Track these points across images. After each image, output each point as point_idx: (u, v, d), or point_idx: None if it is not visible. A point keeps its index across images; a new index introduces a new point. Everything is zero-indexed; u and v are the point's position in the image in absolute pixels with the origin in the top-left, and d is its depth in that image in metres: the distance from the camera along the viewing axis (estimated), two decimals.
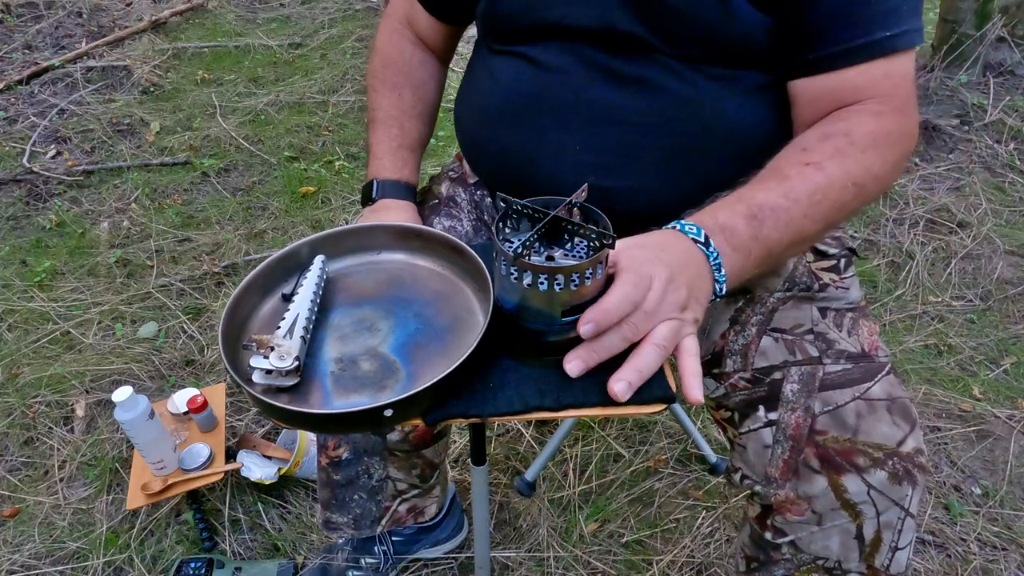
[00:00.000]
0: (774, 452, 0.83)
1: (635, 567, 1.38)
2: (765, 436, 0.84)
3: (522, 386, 0.69)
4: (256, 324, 0.76)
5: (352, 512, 1.21)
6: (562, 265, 0.63)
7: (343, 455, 1.16)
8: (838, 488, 0.79)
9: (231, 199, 2.43)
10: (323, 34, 3.53)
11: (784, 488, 0.82)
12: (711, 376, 0.92)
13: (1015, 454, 1.56)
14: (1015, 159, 2.48)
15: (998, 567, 1.36)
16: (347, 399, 0.68)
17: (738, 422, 0.88)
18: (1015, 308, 1.93)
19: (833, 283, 0.92)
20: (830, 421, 0.80)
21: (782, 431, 0.82)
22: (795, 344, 0.86)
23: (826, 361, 0.83)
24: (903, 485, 0.79)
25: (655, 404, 0.68)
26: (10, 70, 3.21)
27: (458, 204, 1.06)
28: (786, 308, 0.89)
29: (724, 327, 0.92)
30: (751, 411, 0.86)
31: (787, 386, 0.83)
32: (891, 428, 0.79)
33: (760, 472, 0.85)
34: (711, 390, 0.92)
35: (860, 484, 0.78)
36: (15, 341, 1.88)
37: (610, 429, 1.64)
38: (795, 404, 0.82)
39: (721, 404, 0.91)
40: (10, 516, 1.49)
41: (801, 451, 0.81)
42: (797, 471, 0.81)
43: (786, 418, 0.82)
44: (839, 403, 0.80)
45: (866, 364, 0.83)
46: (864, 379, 0.82)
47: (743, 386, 0.87)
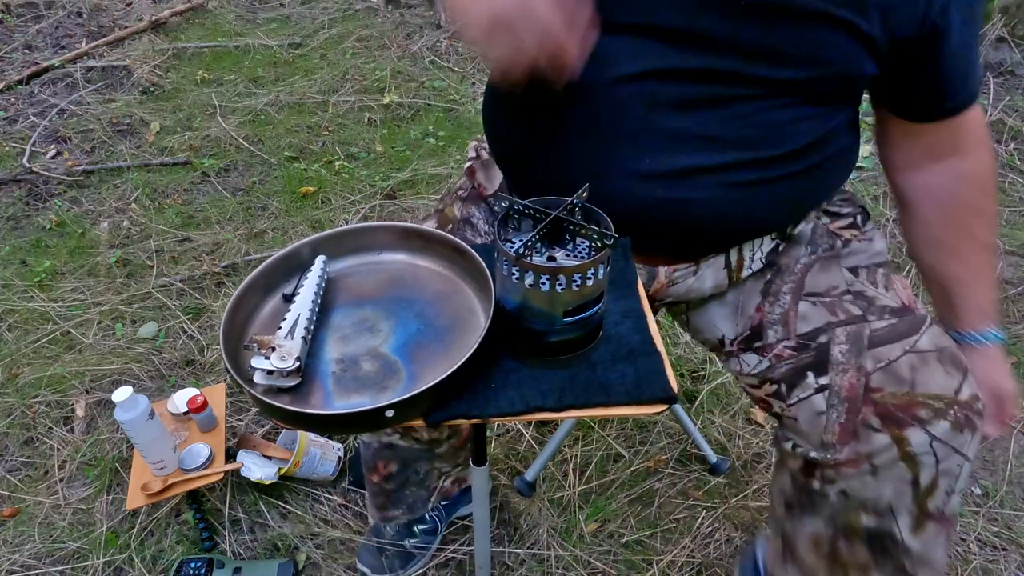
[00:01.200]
0: (828, 417, 0.83)
1: (635, 567, 1.38)
2: (817, 402, 0.84)
3: (523, 386, 0.69)
4: (257, 324, 0.77)
5: (406, 502, 1.30)
6: (564, 265, 0.63)
7: (393, 469, 1.21)
8: (902, 442, 0.80)
9: (231, 199, 2.43)
10: (323, 34, 3.53)
11: (843, 452, 0.82)
12: (752, 351, 0.91)
13: (1015, 454, 1.56)
14: (1015, 159, 2.48)
15: (998, 567, 1.36)
16: (348, 400, 0.68)
17: (786, 393, 0.87)
18: (1015, 308, 1.93)
19: (855, 238, 0.93)
20: (885, 377, 0.80)
21: (835, 394, 0.82)
22: (835, 305, 0.86)
23: (871, 318, 0.84)
24: (964, 432, 0.80)
25: (656, 404, 0.68)
26: (10, 70, 3.21)
27: (475, 225, 1.04)
28: (815, 272, 0.90)
29: (757, 300, 0.92)
30: (799, 379, 0.86)
31: (835, 348, 0.83)
32: (946, 378, 0.80)
33: (815, 440, 0.84)
34: (753, 365, 0.92)
35: (923, 436, 0.79)
36: (15, 341, 1.87)
37: (610, 429, 1.64)
38: (846, 365, 0.82)
39: (765, 378, 0.90)
40: (10, 516, 1.49)
41: (859, 411, 0.81)
42: (856, 432, 0.81)
43: (838, 380, 0.82)
44: (891, 358, 0.81)
45: (909, 317, 0.84)
46: (911, 331, 0.82)
47: (788, 355, 0.87)
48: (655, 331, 0.75)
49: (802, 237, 0.95)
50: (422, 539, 1.37)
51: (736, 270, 0.94)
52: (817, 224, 0.95)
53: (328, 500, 1.50)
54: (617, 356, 0.72)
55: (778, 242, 0.95)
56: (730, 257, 0.93)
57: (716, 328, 0.97)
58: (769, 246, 0.94)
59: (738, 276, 0.94)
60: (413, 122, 2.85)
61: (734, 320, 0.95)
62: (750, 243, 0.93)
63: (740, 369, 0.94)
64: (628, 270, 0.84)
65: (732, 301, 0.95)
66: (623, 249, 0.87)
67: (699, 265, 0.93)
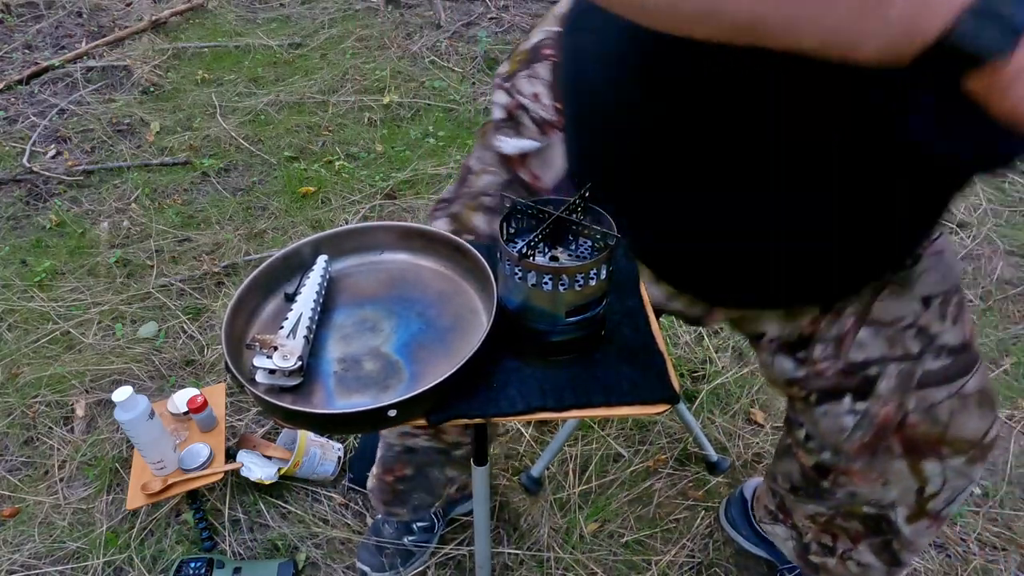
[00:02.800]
0: (853, 434, 0.84)
1: (635, 567, 1.38)
2: (846, 420, 0.84)
3: (525, 386, 0.69)
4: (259, 324, 0.76)
5: (411, 503, 1.30)
6: (566, 265, 0.63)
7: (407, 472, 1.22)
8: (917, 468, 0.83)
9: (231, 199, 2.43)
10: (323, 34, 3.52)
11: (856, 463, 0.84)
12: (792, 357, 0.88)
13: (1015, 454, 1.56)
14: None
15: (998, 567, 1.36)
16: (350, 399, 0.68)
17: (815, 402, 0.87)
18: (1015, 308, 1.93)
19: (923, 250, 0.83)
20: (923, 417, 0.81)
21: (868, 420, 0.83)
22: (896, 340, 0.82)
23: (926, 358, 0.82)
24: (976, 465, 0.83)
25: (658, 404, 0.68)
26: (10, 70, 3.21)
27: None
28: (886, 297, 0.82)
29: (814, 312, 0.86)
30: (836, 398, 0.85)
31: (883, 382, 0.83)
32: (979, 422, 0.82)
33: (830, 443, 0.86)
34: (788, 370, 0.89)
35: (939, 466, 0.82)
36: (15, 341, 1.87)
37: (610, 429, 1.64)
38: (888, 399, 0.82)
39: (796, 383, 0.89)
40: (10, 516, 1.49)
41: (886, 439, 0.82)
42: (875, 451, 0.83)
43: (875, 409, 0.82)
44: (935, 401, 0.81)
45: (965, 357, 0.83)
46: (962, 373, 0.82)
47: (831, 374, 0.85)
48: (657, 331, 0.75)
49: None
50: (420, 536, 1.37)
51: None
52: None
53: (328, 500, 1.50)
54: (619, 356, 0.72)
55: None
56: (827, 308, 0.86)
57: (762, 323, 0.92)
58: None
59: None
60: (413, 122, 2.85)
61: (783, 324, 0.90)
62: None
63: (771, 365, 0.91)
64: (630, 270, 0.84)
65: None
66: (625, 249, 0.87)
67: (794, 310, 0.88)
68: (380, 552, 1.35)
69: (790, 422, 0.94)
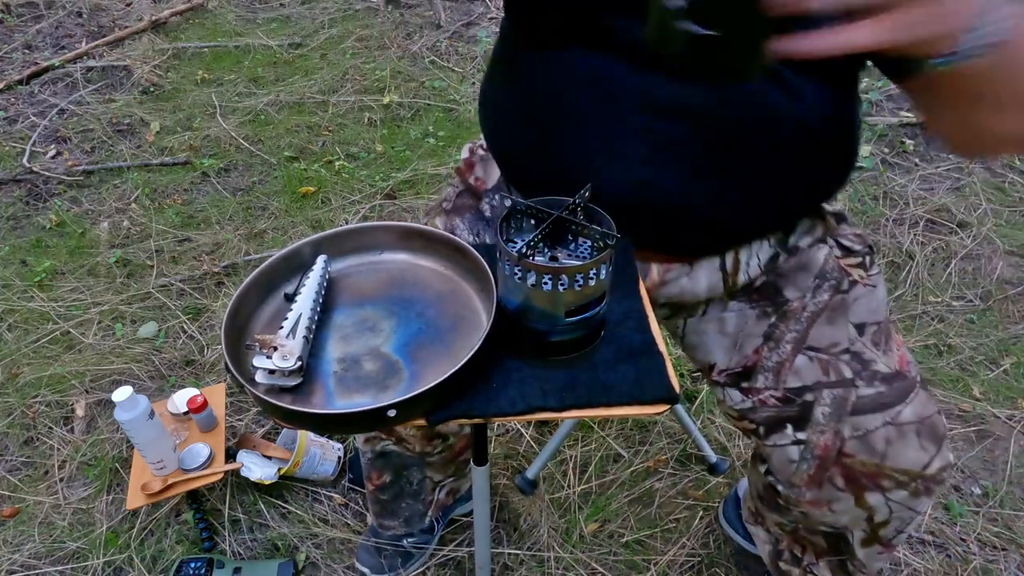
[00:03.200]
0: (799, 467, 0.86)
1: (635, 567, 1.38)
2: (791, 452, 0.86)
3: (525, 386, 0.69)
4: (258, 324, 0.76)
5: (402, 515, 1.30)
6: (566, 265, 0.63)
7: (386, 480, 1.22)
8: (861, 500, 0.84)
9: (231, 199, 2.43)
10: (323, 34, 3.52)
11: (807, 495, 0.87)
12: (739, 389, 0.92)
13: (1015, 454, 1.56)
14: (1015, 159, 2.48)
15: (998, 567, 1.36)
16: (350, 399, 0.68)
17: (763, 435, 0.90)
18: (1015, 308, 1.93)
19: (861, 280, 0.92)
20: (859, 446, 0.82)
21: (810, 450, 0.85)
22: (830, 364, 0.86)
23: (859, 383, 0.84)
24: (920, 498, 0.83)
25: (658, 404, 0.68)
26: (10, 70, 3.21)
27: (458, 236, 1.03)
28: (821, 323, 0.89)
29: (758, 342, 0.92)
30: (779, 428, 0.88)
31: (818, 409, 0.85)
32: (919, 452, 0.82)
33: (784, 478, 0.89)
34: (736, 402, 0.93)
35: (881, 498, 0.83)
36: (15, 341, 1.87)
37: (610, 429, 1.64)
38: (825, 427, 0.84)
39: (745, 416, 0.92)
40: (10, 516, 1.49)
41: (828, 470, 0.84)
42: (821, 484, 0.84)
43: (814, 439, 0.84)
44: (869, 428, 0.82)
45: (899, 384, 0.84)
46: (896, 401, 0.83)
47: (772, 403, 0.88)
48: (656, 331, 0.75)
49: (812, 263, 0.92)
50: (419, 538, 1.37)
51: (732, 273, 0.93)
52: (829, 255, 0.93)
53: (328, 500, 1.50)
54: (619, 356, 0.72)
55: (778, 251, 0.93)
56: (725, 260, 0.92)
57: (710, 353, 0.97)
58: (768, 253, 0.93)
59: (734, 281, 0.93)
60: (413, 122, 2.85)
61: (730, 354, 0.94)
62: (747, 247, 0.92)
63: (723, 399, 0.96)
64: (630, 270, 0.84)
65: (732, 334, 0.95)
66: (625, 250, 0.87)
67: (692, 266, 0.92)
68: (379, 553, 1.35)
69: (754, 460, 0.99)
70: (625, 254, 0.86)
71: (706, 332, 0.98)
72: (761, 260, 0.93)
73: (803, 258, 0.93)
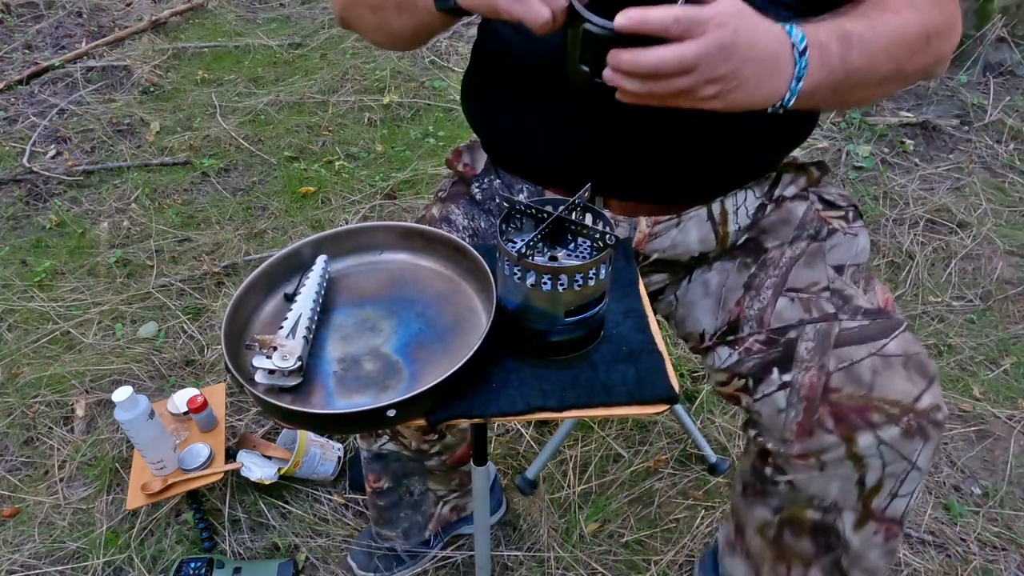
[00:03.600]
0: (787, 416, 0.83)
1: (635, 567, 1.38)
2: (779, 400, 0.83)
3: (525, 386, 0.69)
4: (258, 324, 0.77)
5: (400, 526, 1.29)
6: (566, 265, 0.64)
7: (384, 485, 1.21)
8: (851, 443, 0.80)
9: (231, 199, 2.43)
10: (323, 34, 3.52)
11: (795, 447, 0.83)
12: (726, 344, 0.92)
13: (1015, 454, 1.56)
14: (1015, 159, 2.48)
15: (998, 567, 1.36)
16: (350, 399, 0.68)
17: (752, 388, 0.87)
18: (1015, 308, 1.93)
19: (842, 229, 0.93)
20: (844, 378, 0.80)
21: (796, 392, 0.82)
22: (811, 302, 0.86)
23: (842, 317, 0.84)
24: (914, 440, 0.79)
25: (657, 404, 0.68)
26: (10, 70, 3.21)
27: (452, 222, 1.04)
28: (799, 267, 0.90)
29: (739, 294, 0.92)
30: (765, 374, 0.85)
31: (802, 345, 0.83)
32: (907, 384, 0.79)
33: (776, 435, 0.85)
34: (724, 359, 0.91)
35: (872, 439, 0.79)
36: (15, 341, 1.87)
37: (610, 429, 1.64)
38: (809, 363, 0.82)
39: (734, 373, 0.90)
40: (10, 516, 1.49)
41: (815, 411, 0.81)
42: (811, 431, 0.81)
43: (800, 378, 0.82)
44: (854, 359, 0.80)
45: (883, 320, 0.83)
46: (881, 335, 0.82)
47: (757, 349, 0.87)
48: (656, 331, 0.75)
49: (792, 215, 0.94)
50: (414, 546, 1.36)
51: (721, 223, 0.94)
52: (810, 207, 0.95)
53: (328, 500, 1.50)
54: (618, 356, 0.72)
55: (764, 201, 0.95)
56: (712, 209, 0.93)
57: (699, 322, 0.97)
58: (755, 203, 0.95)
59: (724, 231, 0.94)
60: (413, 122, 2.85)
61: (715, 314, 0.95)
62: (733, 196, 0.94)
63: (713, 363, 0.95)
64: (629, 270, 0.84)
65: (716, 292, 0.96)
66: (624, 249, 0.88)
67: (681, 217, 0.93)
68: (371, 554, 1.35)
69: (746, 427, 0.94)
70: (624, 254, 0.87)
71: (693, 300, 0.98)
72: (749, 210, 0.94)
73: (783, 211, 0.95)
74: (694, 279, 0.99)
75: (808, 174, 0.98)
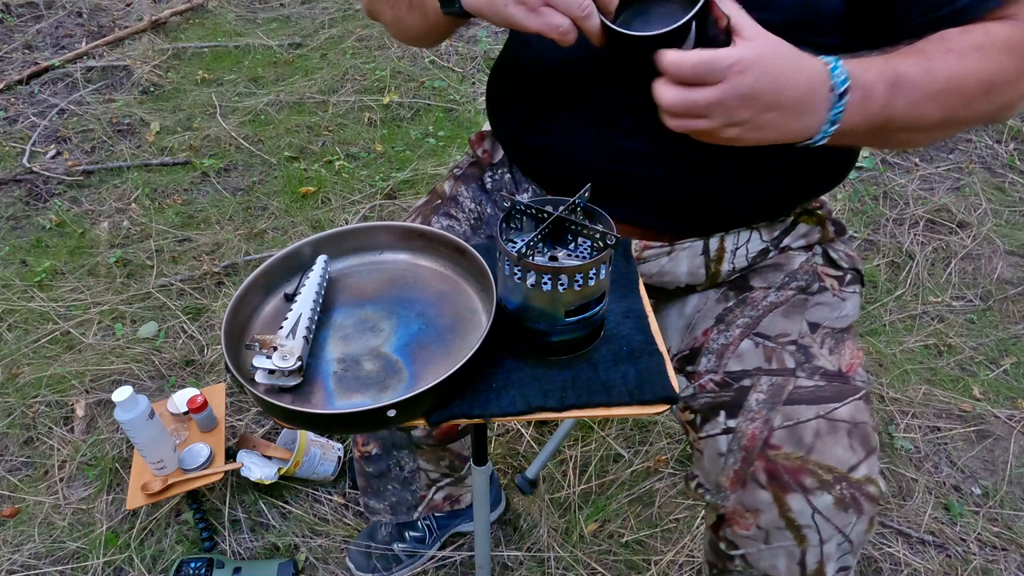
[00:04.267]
0: (727, 461, 0.81)
1: (635, 567, 1.38)
2: (720, 443, 0.82)
3: (525, 386, 0.69)
4: (258, 324, 0.77)
5: (388, 500, 1.27)
6: (566, 265, 0.63)
7: (372, 451, 1.19)
8: (783, 505, 0.77)
9: (231, 199, 2.43)
10: (323, 34, 3.52)
11: (731, 499, 0.81)
12: (684, 374, 0.90)
13: (1015, 454, 1.56)
14: (1015, 159, 2.48)
15: (998, 567, 1.36)
16: (350, 399, 0.68)
17: (699, 425, 0.86)
18: (1015, 308, 1.93)
19: (832, 289, 0.91)
20: (786, 436, 0.78)
21: (737, 440, 0.81)
22: (774, 352, 0.84)
23: (800, 374, 0.82)
24: (848, 512, 0.77)
25: (658, 404, 0.68)
26: (10, 70, 3.21)
27: (459, 203, 1.06)
28: (776, 315, 0.88)
29: (708, 323, 0.90)
30: (712, 415, 0.84)
31: (753, 395, 0.82)
32: (846, 452, 0.77)
33: (712, 480, 0.83)
34: (681, 388, 0.90)
35: (805, 505, 0.77)
36: (15, 341, 1.87)
37: (610, 429, 1.64)
38: (756, 414, 0.80)
39: (687, 405, 0.89)
40: (10, 516, 1.49)
41: (752, 463, 0.79)
42: (745, 483, 0.79)
43: (744, 427, 0.80)
44: (800, 419, 0.78)
45: (839, 384, 0.81)
46: (833, 399, 0.80)
47: (710, 388, 0.86)
48: (656, 331, 0.75)
49: (789, 263, 0.92)
50: (411, 545, 1.37)
51: (715, 261, 0.92)
52: (809, 259, 0.93)
53: (328, 500, 1.50)
54: (619, 356, 0.72)
55: (769, 247, 0.93)
56: (709, 244, 0.91)
57: (667, 337, 0.95)
58: (758, 246, 0.92)
59: (717, 269, 0.92)
60: (413, 122, 2.85)
61: (682, 336, 0.94)
62: (735, 234, 0.91)
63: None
64: (629, 270, 0.84)
65: (689, 315, 0.94)
66: (624, 249, 0.87)
67: (674, 247, 0.91)
68: (369, 555, 1.35)
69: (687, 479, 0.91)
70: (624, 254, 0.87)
71: (668, 317, 0.97)
72: (750, 252, 0.92)
73: (780, 258, 0.93)
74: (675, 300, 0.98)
75: (824, 230, 0.95)
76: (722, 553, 0.87)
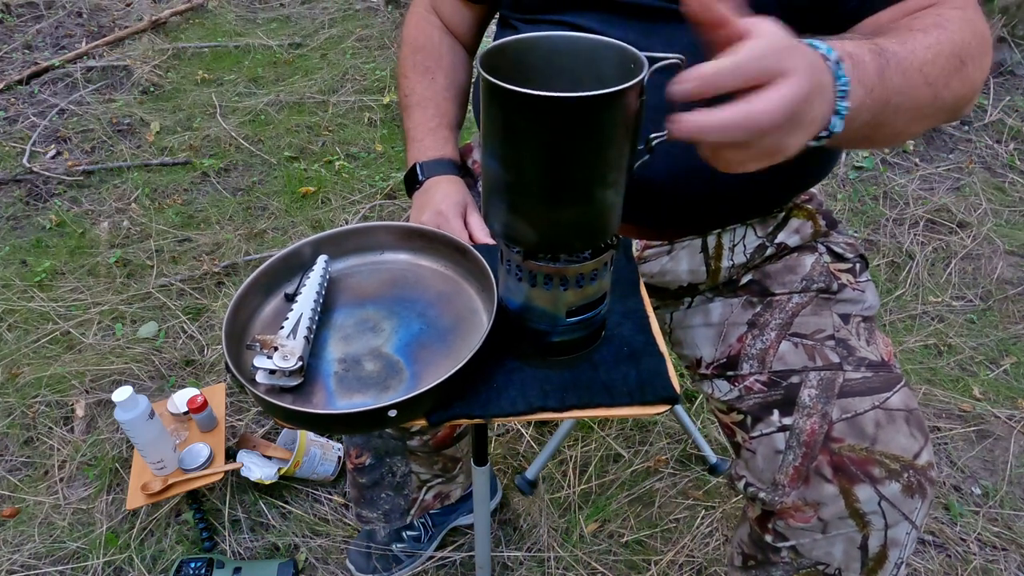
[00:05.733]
0: (785, 458, 0.82)
1: (635, 567, 1.38)
2: (777, 441, 0.83)
3: (526, 387, 0.69)
4: (259, 324, 0.76)
5: (381, 508, 1.26)
6: (567, 266, 0.63)
7: (366, 461, 1.19)
8: (849, 497, 0.78)
9: (231, 199, 2.43)
10: (323, 34, 3.52)
11: (791, 495, 0.81)
12: (725, 379, 0.91)
13: (1015, 454, 1.56)
14: (1015, 159, 2.48)
15: (998, 567, 1.36)
16: (351, 399, 0.68)
17: (750, 426, 0.87)
18: (1015, 308, 1.93)
19: (850, 284, 0.92)
20: (848, 429, 0.79)
21: (796, 436, 0.82)
22: (815, 350, 0.85)
23: (847, 368, 0.83)
24: (915, 498, 0.79)
25: (658, 405, 0.68)
26: (10, 70, 3.21)
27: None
28: (806, 313, 0.89)
29: (742, 330, 0.91)
30: (765, 415, 0.85)
31: (805, 391, 0.83)
32: (909, 440, 0.79)
33: (768, 479, 0.84)
34: (724, 392, 0.91)
35: (873, 494, 0.78)
36: (15, 341, 1.87)
37: (610, 429, 1.64)
38: (812, 410, 0.81)
39: (733, 407, 0.90)
40: (10, 516, 1.49)
41: (814, 458, 0.80)
42: (807, 478, 0.80)
43: (801, 423, 0.81)
44: (858, 411, 0.80)
45: (885, 374, 0.83)
46: (884, 388, 0.81)
47: (758, 389, 0.87)
48: (657, 332, 0.75)
49: (800, 266, 0.93)
50: (410, 544, 1.37)
51: (715, 258, 0.93)
52: (818, 259, 0.94)
53: (328, 500, 1.50)
54: (619, 356, 0.72)
55: (765, 243, 0.93)
56: (708, 242, 0.92)
57: (697, 347, 0.96)
58: (755, 242, 0.93)
59: (717, 266, 0.93)
60: None
61: (715, 345, 0.94)
62: (731, 231, 0.92)
63: (711, 392, 0.94)
64: (630, 270, 0.84)
65: (718, 324, 0.95)
66: (625, 250, 0.87)
67: (673, 245, 0.92)
68: (369, 555, 1.35)
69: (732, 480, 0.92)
70: (626, 254, 0.86)
71: (692, 326, 0.98)
72: (747, 248, 0.93)
73: (791, 261, 0.94)
74: (695, 305, 0.98)
75: (815, 224, 0.96)
76: (766, 546, 0.87)
